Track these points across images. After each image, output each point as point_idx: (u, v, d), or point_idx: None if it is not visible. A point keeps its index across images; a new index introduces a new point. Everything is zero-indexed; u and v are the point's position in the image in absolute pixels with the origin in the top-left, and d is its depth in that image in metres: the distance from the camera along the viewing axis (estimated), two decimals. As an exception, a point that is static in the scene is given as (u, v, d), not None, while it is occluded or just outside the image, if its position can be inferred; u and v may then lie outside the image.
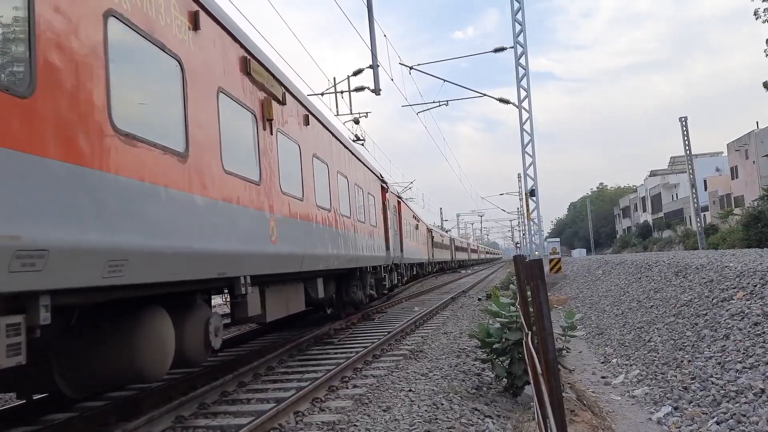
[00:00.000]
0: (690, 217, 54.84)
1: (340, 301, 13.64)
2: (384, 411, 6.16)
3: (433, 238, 37.24)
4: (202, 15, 5.89)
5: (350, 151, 13.25)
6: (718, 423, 6.51)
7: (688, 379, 8.05)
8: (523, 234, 74.28)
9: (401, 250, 20.53)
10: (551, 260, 27.70)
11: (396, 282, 20.74)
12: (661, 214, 69.88)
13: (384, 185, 17.85)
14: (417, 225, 28.29)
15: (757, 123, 46.02)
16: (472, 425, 5.85)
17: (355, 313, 14.67)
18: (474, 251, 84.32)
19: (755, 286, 9.76)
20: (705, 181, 55.79)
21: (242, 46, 7.01)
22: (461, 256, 63.48)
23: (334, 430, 5.61)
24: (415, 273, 29.94)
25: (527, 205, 25.53)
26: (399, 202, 22.15)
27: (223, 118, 6.21)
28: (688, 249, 42.08)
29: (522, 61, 24.86)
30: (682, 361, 8.82)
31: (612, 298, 17.39)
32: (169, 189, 5.03)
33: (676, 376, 8.42)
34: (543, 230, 29.29)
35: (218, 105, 6.14)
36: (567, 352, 7.92)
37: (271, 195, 7.47)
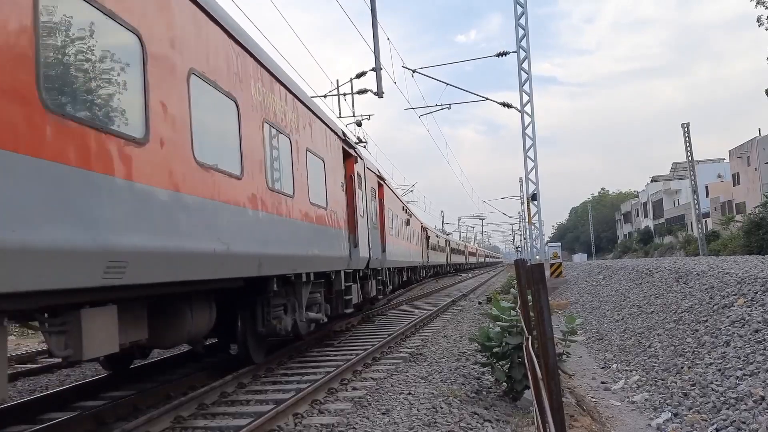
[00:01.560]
0: (691, 223, 54.79)
1: (251, 335, 8.10)
2: (383, 414, 6.16)
3: (428, 238, 34.87)
4: None
5: (262, 65, 7.57)
6: (717, 430, 6.50)
7: (688, 386, 8.04)
8: (524, 238, 74.30)
9: (383, 250, 15.59)
10: (552, 264, 27.72)
11: (374, 293, 14.82)
12: (662, 220, 69.93)
13: (351, 150, 12.39)
14: (408, 220, 23.88)
15: (759, 130, 46.13)
16: (472, 429, 5.84)
17: (283, 350, 9.55)
18: (472, 254, 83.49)
19: (756, 293, 9.76)
20: (707, 188, 55.80)
21: None
22: (458, 259, 61.20)
23: (333, 432, 5.61)
24: (405, 279, 24.84)
25: (529, 210, 25.52)
26: (380, 185, 16.78)
27: None
28: (689, 255, 42.06)
29: (525, 65, 24.85)
30: (682, 368, 8.82)
31: (612, 303, 17.38)
32: None
33: (676, 383, 8.42)
34: (544, 234, 29.28)
35: None
36: (567, 356, 7.93)
37: None
